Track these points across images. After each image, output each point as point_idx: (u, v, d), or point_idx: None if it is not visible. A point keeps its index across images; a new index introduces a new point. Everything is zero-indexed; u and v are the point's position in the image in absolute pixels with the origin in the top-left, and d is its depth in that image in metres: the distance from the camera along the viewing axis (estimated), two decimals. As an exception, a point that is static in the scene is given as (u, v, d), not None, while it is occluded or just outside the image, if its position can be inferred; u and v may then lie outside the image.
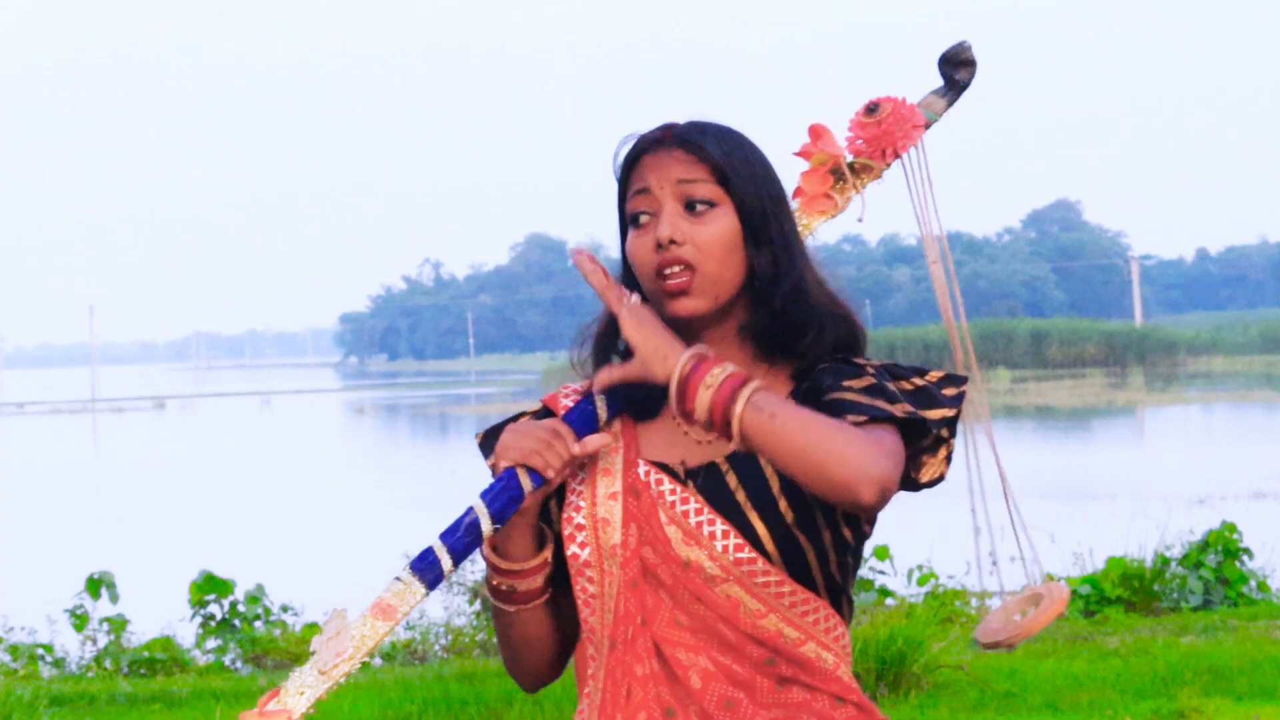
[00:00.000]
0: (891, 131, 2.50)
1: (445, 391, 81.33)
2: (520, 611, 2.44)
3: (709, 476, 2.37)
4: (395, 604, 2.33)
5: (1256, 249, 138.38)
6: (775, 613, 2.35)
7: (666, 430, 2.43)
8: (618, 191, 2.45)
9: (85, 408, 72.12)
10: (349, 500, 25.34)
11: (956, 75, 2.56)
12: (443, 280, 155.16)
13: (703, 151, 2.39)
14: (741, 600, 2.34)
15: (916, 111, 2.52)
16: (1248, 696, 8.17)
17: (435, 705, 8.34)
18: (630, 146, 2.44)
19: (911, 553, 12.41)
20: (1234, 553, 11.78)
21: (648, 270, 2.38)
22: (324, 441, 45.09)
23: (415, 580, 2.35)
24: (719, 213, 2.38)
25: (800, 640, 2.36)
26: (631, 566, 2.37)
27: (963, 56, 2.55)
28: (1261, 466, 23.83)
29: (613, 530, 2.38)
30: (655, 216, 2.39)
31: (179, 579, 12.23)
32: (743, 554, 2.33)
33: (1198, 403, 46.42)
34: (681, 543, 2.35)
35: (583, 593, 2.40)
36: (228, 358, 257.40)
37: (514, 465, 2.36)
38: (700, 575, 2.34)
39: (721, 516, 2.34)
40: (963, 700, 8.25)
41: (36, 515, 25.08)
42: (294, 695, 2.29)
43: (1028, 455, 29.96)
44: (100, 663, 10.95)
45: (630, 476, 2.40)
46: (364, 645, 2.32)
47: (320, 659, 2.30)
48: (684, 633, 2.36)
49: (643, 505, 2.38)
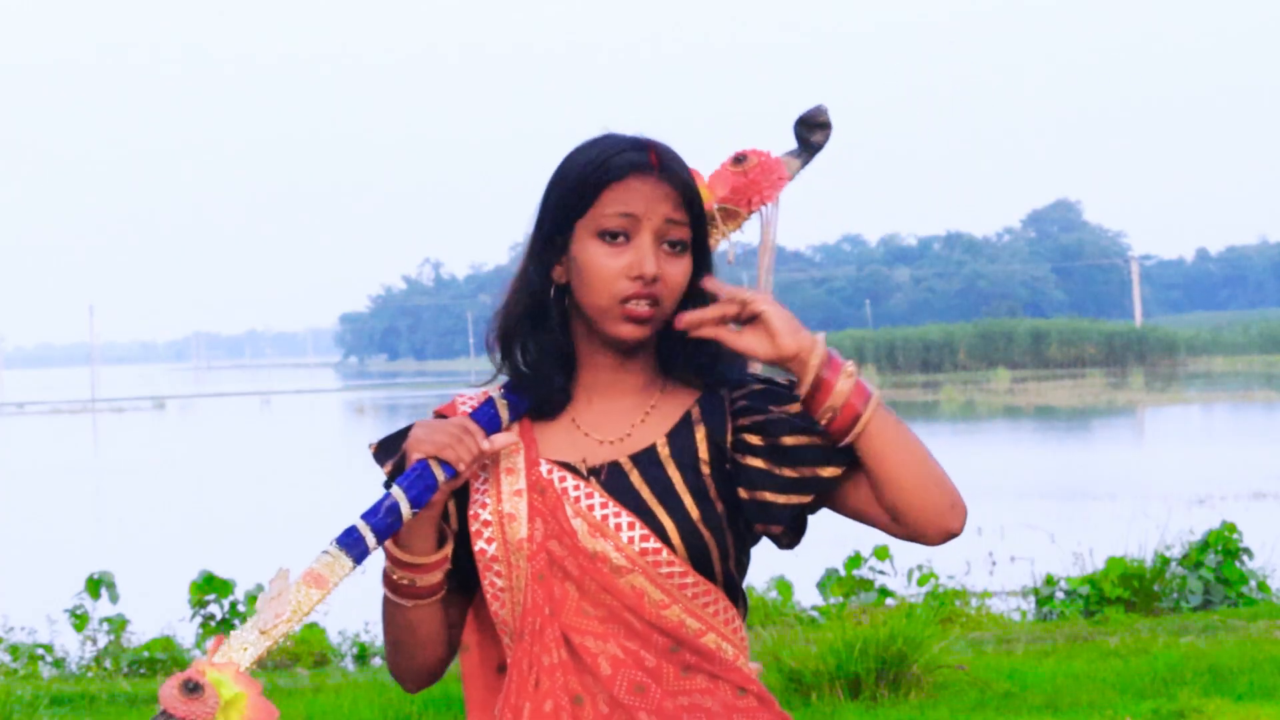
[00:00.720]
0: (758, 182, 2.58)
1: (445, 391, 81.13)
2: (416, 607, 2.52)
3: (612, 474, 2.48)
4: (325, 575, 2.44)
5: (1256, 249, 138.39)
6: (678, 604, 2.44)
7: (565, 432, 2.52)
8: (574, 190, 2.47)
9: (85, 408, 72.09)
10: (349, 500, 25.28)
11: (812, 138, 2.63)
12: (443, 280, 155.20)
13: (689, 193, 2.48)
14: (646, 590, 2.43)
15: (782, 165, 2.60)
16: (1248, 696, 8.16)
17: (435, 705, 8.34)
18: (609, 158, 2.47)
19: (911, 553, 12.41)
20: (1234, 553, 11.77)
21: (613, 291, 2.45)
22: (324, 441, 45.08)
23: (342, 554, 2.45)
24: (686, 256, 2.49)
25: (701, 631, 2.45)
26: (538, 559, 2.45)
27: (819, 119, 2.63)
28: (1261, 466, 23.82)
29: (519, 525, 2.46)
30: (629, 241, 2.46)
31: (179, 579, 12.22)
32: (648, 544, 2.42)
33: (1198, 403, 46.40)
34: (588, 535, 2.44)
35: (491, 586, 2.48)
36: (228, 358, 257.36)
37: (427, 457, 2.44)
38: (607, 566, 2.43)
39: (626, 510, 2.45)
40: (963, 700, 8.25)
41: (36, 515, 25.07)
42: (238, 650, 2.38)
43: (1028, 455, 29.97)
44: (100, 663, 10.95)
45: (533, 474, 2.49)
46: (300, 611, 2.42)
47: (261, 618, 2.41)
48: (592, 621, 2.45)
49: (547, 501, 2.47)
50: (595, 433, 2.51)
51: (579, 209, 2.47)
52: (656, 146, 2.49)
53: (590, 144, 2.50)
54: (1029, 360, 71.24)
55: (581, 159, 2.48)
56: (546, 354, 2.51)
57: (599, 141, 2.50)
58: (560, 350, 2.51)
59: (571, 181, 2.48)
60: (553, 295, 2.52)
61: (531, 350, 2.52)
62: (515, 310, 2.53)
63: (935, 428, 40.49)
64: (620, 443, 2.50)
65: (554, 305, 2.51)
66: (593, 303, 2.46)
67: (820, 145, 2.63)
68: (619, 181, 2.46)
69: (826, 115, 2.61)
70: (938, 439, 36.81)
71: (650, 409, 2.52)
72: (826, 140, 2.62)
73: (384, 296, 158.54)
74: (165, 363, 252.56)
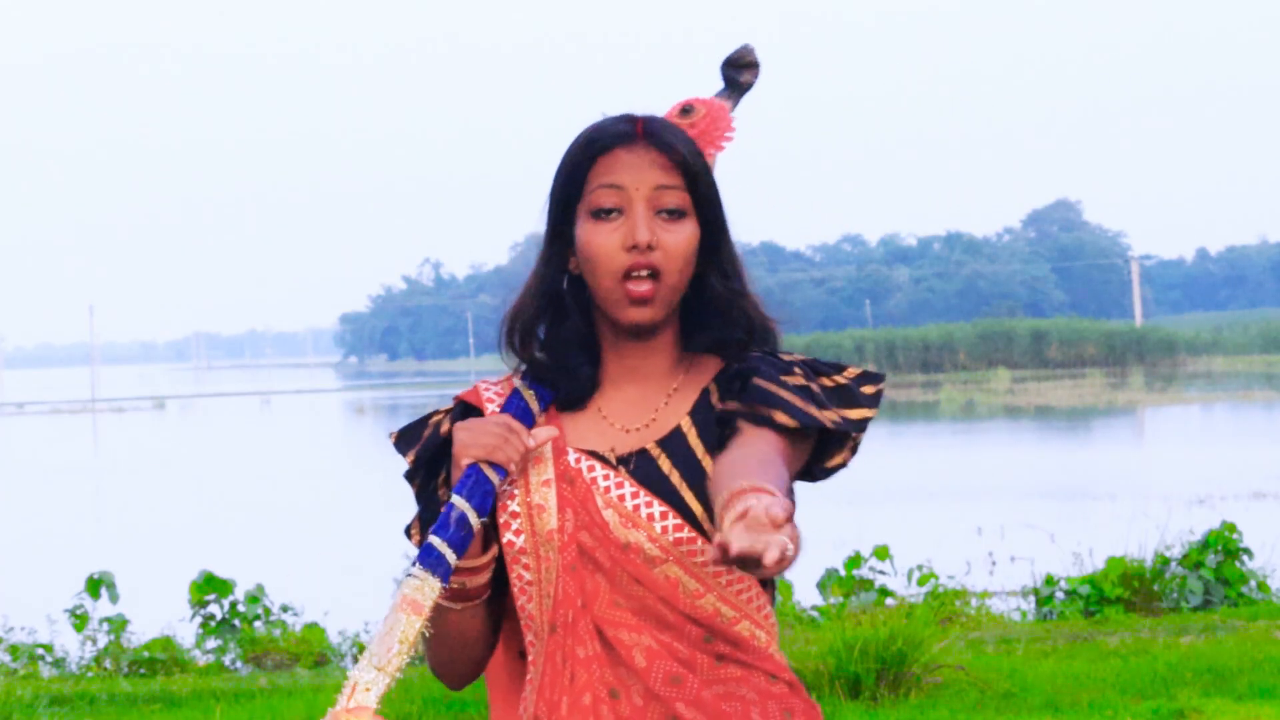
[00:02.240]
0: (708, 131, 2.55)
1: (445, 391, 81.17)
2: (465, 609, 2.49)
3: (641, 461, 2.44)
4: (420, 599, 2.40)
5: (1256, 249, 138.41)
6: (713, 592, 2.40)
7: (591, 421, 2.49)
8: (567, 175, 2.47)
9: (85, 408, 72.10)
10: (349, 500, 25.32)
11: (740, 78, 2.63)
12: (443, 280, 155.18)
13: (679, 157, 2.44)
14: (681, 580, 2.39)
15: (728, 115, 2.58)
16: (1248, 696, 8.16)
17: (435, 705, 8.34)
18: (592, 136, 2.46)
19: (911, 553, 12.41)
20: (1234, 553, 11.77)
21: (613, 268, 2.42)
22: (324, 441, 45.08)
23: (429, 575, 2.40)
24: (687, 222, 2.44)
25: (736, 619, 2.42)
26: (569, 551, 2.42)
27: (746, 59, 2.62)
28: (1261, 466, 23.82)
29: (548, 516, 2.43)
30: (624, 214, 2.43)
31: (179, 579, 12.23)
32: (682, 534, 2.38)
33: (1198, 403, 46.41)
34: (620, 525, 2.40)
35: (519, 580, 2.45)
36: (228, 358, 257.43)
37: (478, 461, 2.41)
38: (640, 557, 2.40)
39: (658, 499, 2.41)
40: (963, 700, 8.25)
41: (36, 515, 25.09)
42: (362, 692, 2.36)
43: (1028, 455, 29.96)
44: (100, 663, 10.95)
45: (561, 464, 2.45)
46: (406, 639, 2.39)
47: (376, 656, 2.38)
48: (624, 613, 2.41)
49: (577, 491, 2.43)
50: (621, 420, 2.48)
51: (575, 193, 2.46)
52: (644, 118, 2.46)
53: (584, 129, 2.49)
54: (1029, 360, 71.25)
55: (572, 143, 2.48)
56: (570, 344, 2.48)
57: (592, 124, 2.49)
58: (583, 339, 2.48)
59: (565, 167, 2.47)
60: (566, 287, 2.49)
61: (554, 342, 2.49)
62: (532, 306, 2.51)
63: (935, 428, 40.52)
64: (646, 429, 2.46)
65: (571, 297, 2.49)
66: (598, 285, 2.44)
67: (749, 85, 2.61)
68: (605, 156, 2.44)
69: (754, 55, 2.61)
70: (938, 439, 36.84)
71: (673, 391, 2.48)
72: (755, 80, 2.61)
73: (384, 296, 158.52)
74: (165, 363, 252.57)
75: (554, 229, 2.49)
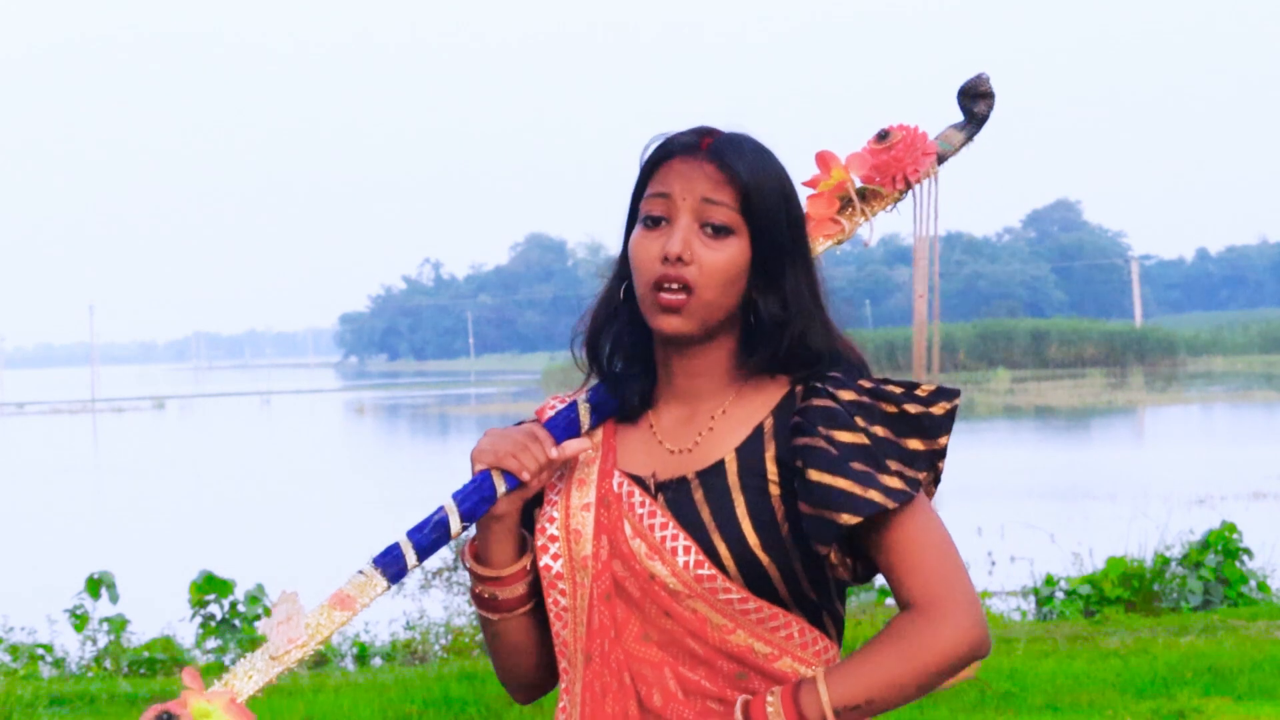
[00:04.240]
0: (901, 159, 2.48)
1: (445, 392, 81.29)
2: (504, 620, 2.43)
3: (678, 491, 2.35)
4: (355, 595, 2.35)
5: (1256, 249, 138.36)
6: (743, 628, 2.32)
7: (642, 439, 2.42)
8: (637, 181, 2.41)
9: (85, 408, 72.09)
10: (349, 500, 25.32)
11: (975, 108, 2.55)
12: (443, 280, 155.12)
13: (733, 173, 2.33)
14: (708, 616, 2.32)
15: (928, 140, 2.51)
16: (1248, 696, 8.17)
17: (435, 705, 8.35)
18: (660, 144, 2.40)
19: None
20: (1234, 553, 11.78)
21: (647, 276, 2.35)
22: (324, 441, 45.07)
23: (377, 574, 2.37)
24: (733, 241, 2.34)
25: (774, 655, 2.33)
26: (604, 579, 2.35)
27: (981, 89, 2.54)
28: (1261, 466, 23.83)
29: (584, 542, 2.36)
30: (670, 224, 2.35)
31: (179, 579, 12.23)
32: (703, 570, 2.30)
33: (1198, 403, 46.39)
34: (646, 555, 2.33)
35: (554, 605, 2.39)
36: (228, 358, 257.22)
37: (488, 468, 2.36)
38: (664, 589, 2.32)
39: (685, 532, 2.32)
40: (963, 700, 8.25)
41: (36, 515, 25.09)
42: (242, 678, 2.31)
43: (1028, 455, 29.96)
44: (100, 663, 10.95)
45: (604, 487, 2.38)
46: (319, 634, 2.34)
47: (271, 645, 2.32)
48: (651, 648, 2.34)
49: (612, 516, 2.36)
50: (668, 439, 2.39)
51: (636, 200, 2.41)
52: (717, 132, 2.38)
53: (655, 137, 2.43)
54: (1029, 360, 71.22)
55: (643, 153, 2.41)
56: (624, 354, 2.42)
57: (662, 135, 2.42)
58: (637, 350, 2.41)
59: (639, 174, 2.41)
60: (622, 294, 2.43)
61: (614, 351, 2.43)
62: (600, 311, 2.44)
63: (935, 428, 40.41)
64: (688, 454, 2.37)
65: (629, 306, 2.42)
66: (637, 292, 2.37)
67: (984, 116, 2.53)
68: (665, 164, 2.37)
69: (989, 84, 2.53)
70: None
71: (720, 414, 2.38)
72: (990, 110, 2.53)
73: (384, 296, 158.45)
74: (165, 363, 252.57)
75: (625, 235, 2.42)
